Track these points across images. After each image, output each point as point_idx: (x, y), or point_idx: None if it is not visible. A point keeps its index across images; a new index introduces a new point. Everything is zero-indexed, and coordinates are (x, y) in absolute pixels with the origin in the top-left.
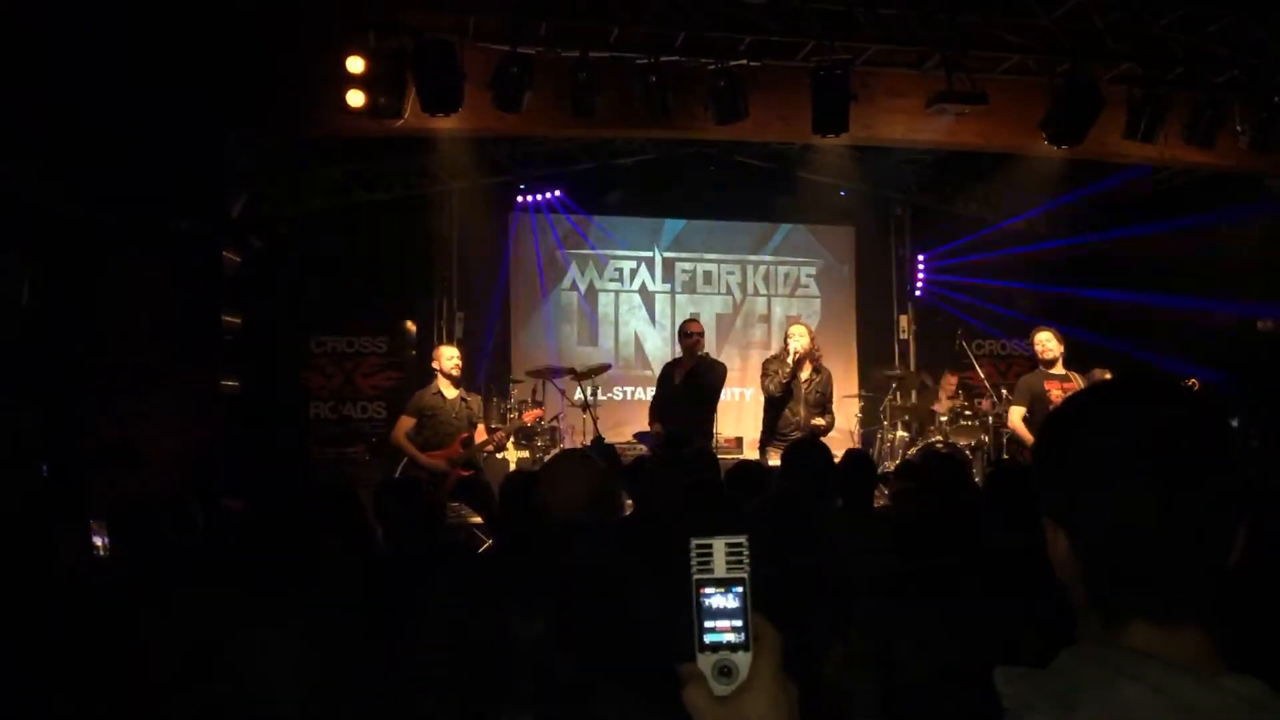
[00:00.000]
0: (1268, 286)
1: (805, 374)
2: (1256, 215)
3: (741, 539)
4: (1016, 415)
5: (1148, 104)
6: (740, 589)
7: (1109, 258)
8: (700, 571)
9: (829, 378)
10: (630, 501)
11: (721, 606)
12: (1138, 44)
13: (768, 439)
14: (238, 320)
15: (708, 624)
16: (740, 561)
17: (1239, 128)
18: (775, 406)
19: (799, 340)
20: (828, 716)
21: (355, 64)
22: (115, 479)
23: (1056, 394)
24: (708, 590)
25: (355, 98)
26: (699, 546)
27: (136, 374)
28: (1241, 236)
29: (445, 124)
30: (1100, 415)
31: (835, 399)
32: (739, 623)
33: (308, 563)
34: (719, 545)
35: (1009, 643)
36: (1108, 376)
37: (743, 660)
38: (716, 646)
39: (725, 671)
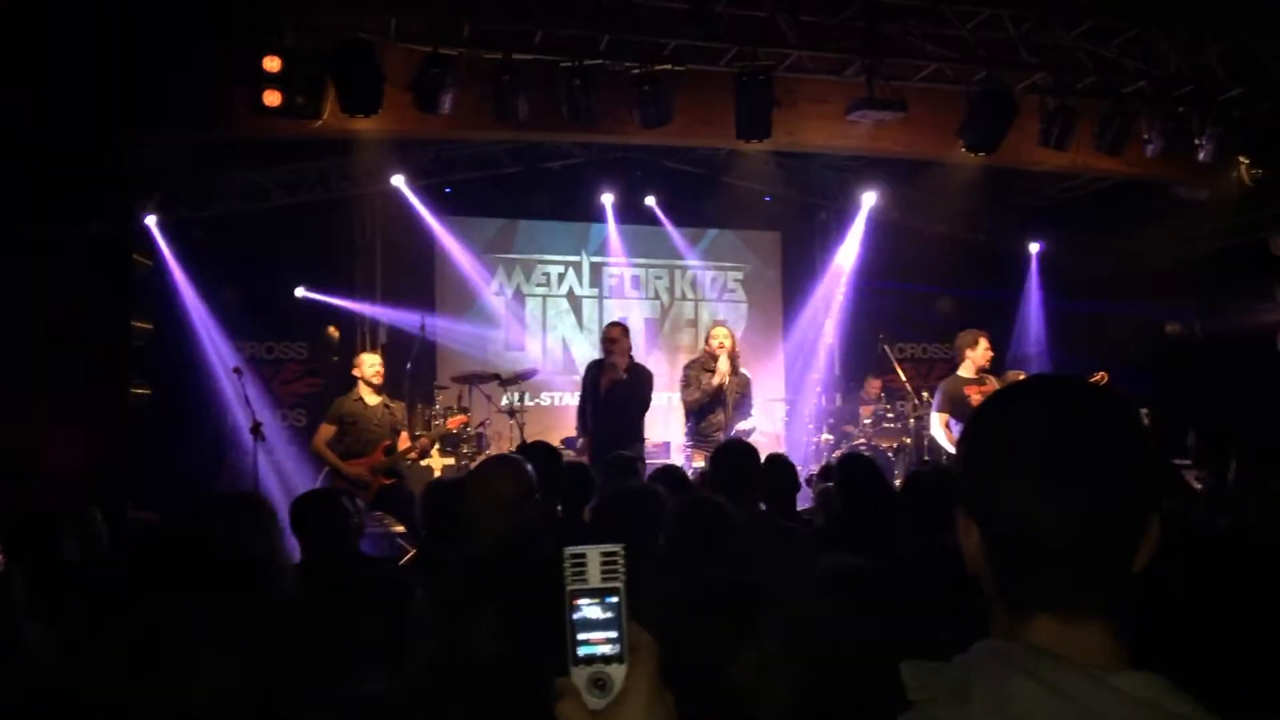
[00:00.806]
0: (1177, 291)
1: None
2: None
3: (617, 548)
4: (939, 421)
5: (1059, 113)
6: (615, 599)
7: (1026, 262)
8: (574, 582)
9: (747, 379)
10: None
11: (596, 618)
12: (1049, 54)
13: (692, 443)
14: (149, 326)
15: (581, 636)
16: (615, 571)
17: (1146, 136)
18: (699, 411)
19: (727, 339)
20: (739, 717)
21: (272, 63)
22: (11, 492)
23: (975, 398)
24: (581, 601)
25: (272, 98)
26: (573, 556)
27: (38, 382)
28: (1151, 242)
29: (365, 125)
30: (1013, 411)
31: (761, 402)
32: (614, 634)
33: (236, 571)
34: (593, 555)
35: (924, 642)
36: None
37: (617, 673)
38: (591, 659)
39: (599, 684)
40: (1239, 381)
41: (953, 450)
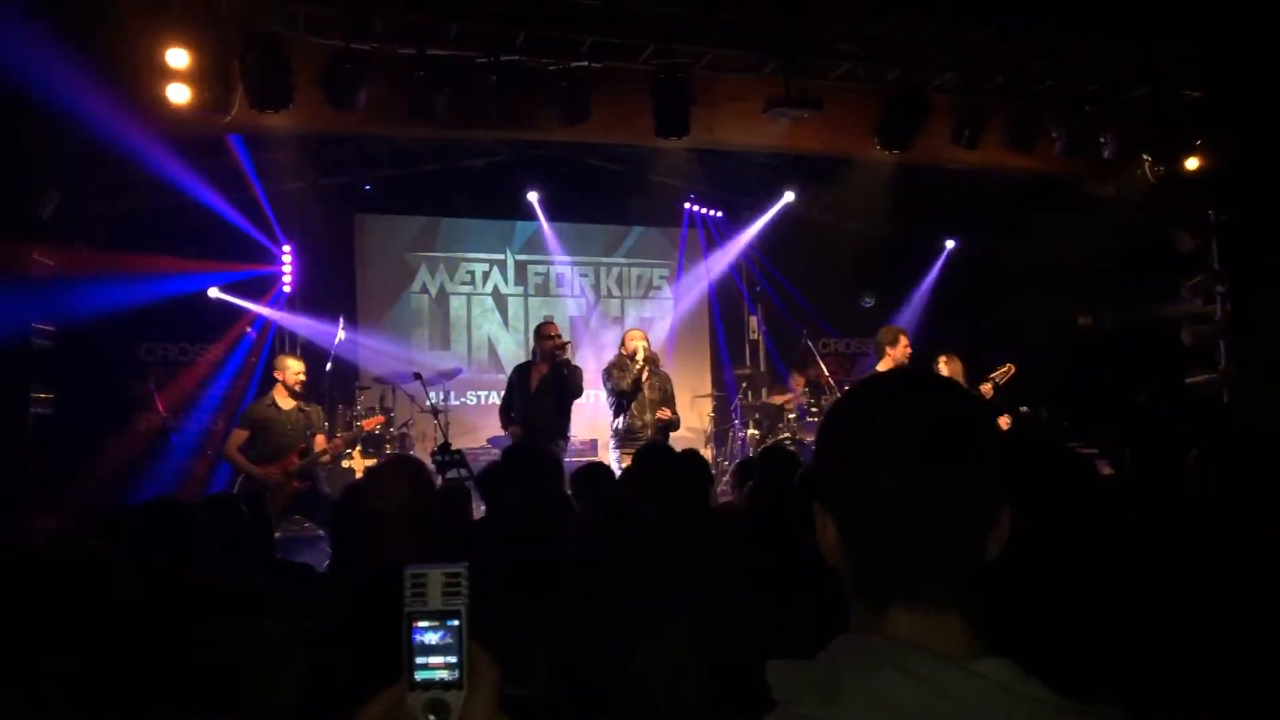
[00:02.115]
0: (1088, 286)
1: (645, 374)
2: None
3: (460, 568)
4: None
5: (970, 111)
6: (455, 622)
7: (942, 257)
8: (413, 603)
9: (667, 376)
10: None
11: (435, 641)
12: (959, 54)
13: (618, 442)
14: (51, 328)
15: (419, 660)
16: (458, 592)
17: (1053, 135)
18: (622, 410)
19: (643, 341)
20: (646, 710)
21: (177, 56)
22: None
23: None
24: (421, 624)
25: (177, 93)
26: (413, 576)
27: None
28: (1062, 238)
29: (277, 121)
30: (866, 406)
31: (689, 399)
32: (453, 659)
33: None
34: (435, 575)
35: (828, 636)
36: None
37: (456, 699)
38: (429, 684)
39: (437, 710)
40: (1146, 373)
41: None
